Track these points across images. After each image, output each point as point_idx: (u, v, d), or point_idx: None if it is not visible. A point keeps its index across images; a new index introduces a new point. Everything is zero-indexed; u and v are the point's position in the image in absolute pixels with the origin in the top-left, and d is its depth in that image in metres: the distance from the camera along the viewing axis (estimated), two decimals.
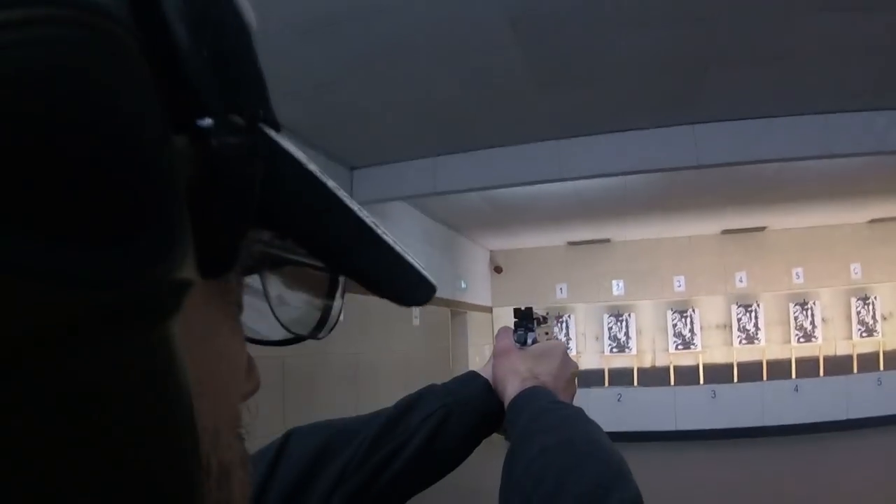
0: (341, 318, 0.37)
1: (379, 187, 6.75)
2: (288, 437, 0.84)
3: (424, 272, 0.35)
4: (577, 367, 1.02)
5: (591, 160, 6.03)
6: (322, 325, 0.37)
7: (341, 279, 0.36)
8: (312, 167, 0.29)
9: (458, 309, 10.80)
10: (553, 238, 12.01)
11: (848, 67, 4.68)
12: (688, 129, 5.79)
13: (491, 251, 13.16)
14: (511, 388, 0.90)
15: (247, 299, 0.33)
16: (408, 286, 0.35)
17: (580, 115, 5.60)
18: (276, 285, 0.35)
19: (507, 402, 0.90)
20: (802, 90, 5.11)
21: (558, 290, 12.79)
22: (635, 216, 10.11)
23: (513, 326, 1.02)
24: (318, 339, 0.37)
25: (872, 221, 11.55)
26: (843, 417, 9.28)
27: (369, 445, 0.83)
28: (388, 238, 0.32)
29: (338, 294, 0.36)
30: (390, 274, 0.33)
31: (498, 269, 13.12)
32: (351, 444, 0.83)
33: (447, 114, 5.42)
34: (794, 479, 6.89)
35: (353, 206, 0.31)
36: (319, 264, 0.34)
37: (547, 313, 0.98)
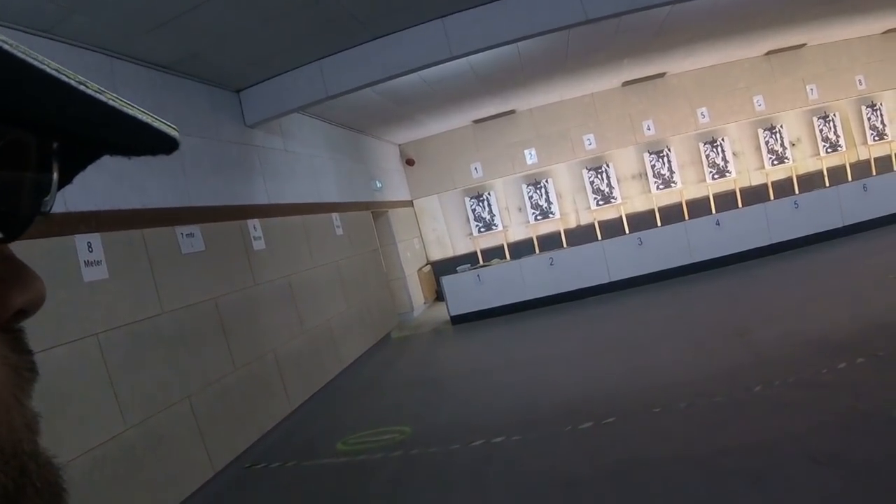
0: (56, 184, 0.33)
1: (270, 104, 6.46)
2: None
3: (148, 119, 0.32)
4: None
5: (480, 32, 5.85)
6: (41, 194, 0.33)
7: (54, 145, 0.32)
8: None
9: (378, 209, 10.69)
10: (458, 120, 11.89)
11: None
12: None
13: (400, 145, 12.98)
14: None
15: None
16: (131, 136, 0.32)
17: None
18: None
19: None
20: None
21: (473, 171, 12.80)
22: (535, 83, 10.03)
23: None
24: (46, 212, 0.33)
25: (769, 53, 11.83)
26: (767, 243, 9.67)
27: None
28: (91, 90, 0.29)
29: (53, 160, 0.32)
30: (104, 128, 0.31)
31: (410, 162, 12.99)
32: None
33: (324, 14, 5.12)
34: (727, 310, 7.19)
35: (49, 68, 0.27)
36: (28, 136, 0.30)
37: None
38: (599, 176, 12.62)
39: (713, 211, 11.68)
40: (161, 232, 4.82)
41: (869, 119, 12.35)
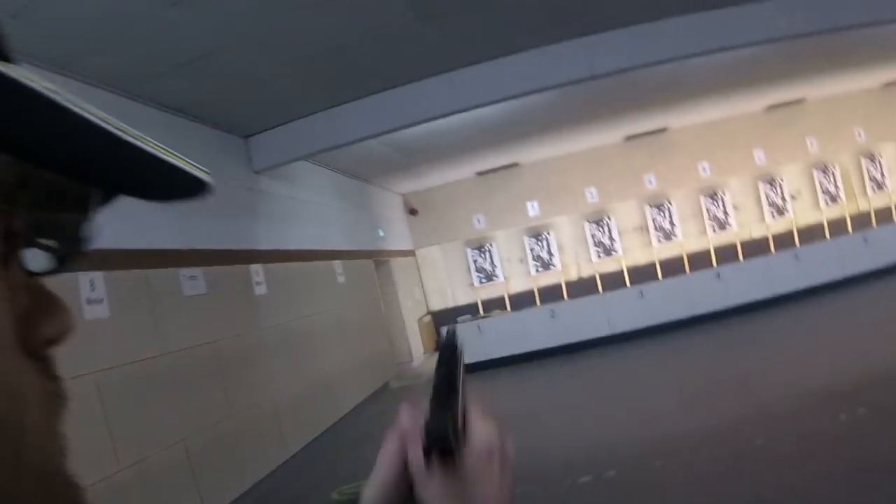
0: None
1: (278, 151, 6.53)
2: None
3: (184, 165, 0.31)
4: (513, 459, 0.61)
5: (486, 87, 5.94)
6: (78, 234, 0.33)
7: (92, 192, 0.32)
8: (42, 87, 0.25)
9: (380, 258, 10.70)
10: (462, 171, 11.99)
11: None
12: (579, 42, 5.74)
13: (403, 195, 13.07)
14: None
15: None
16: (164, 183, 0.32)
17: (468, 44, 5.48)
18: (31, 212, 0.31)
19: None
20: None
21: (476, 222, 12.86)
22: (539, 136, 10.14)
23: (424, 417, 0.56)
24: (84, 251, 0.34)
25: (769, 108, 11.99)
26: (769, 295, 9.66)
27: None
28: (129, 137, 0.28)
29: (91, 207, 0.33)
30: (141, 174, 0.30)
31: (413, 212, 13.06)
32: None
33: (335, 64, 5.22)
34: (728, 362, 7.16)
35: (93, 117, 0.27)
36: (64, 179, 0.30)
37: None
38: (601, 229, 12.68)
39: (714, 264, 11.69)
40: (164, 273, 4.83)
41: (868, 171, 12.49)
